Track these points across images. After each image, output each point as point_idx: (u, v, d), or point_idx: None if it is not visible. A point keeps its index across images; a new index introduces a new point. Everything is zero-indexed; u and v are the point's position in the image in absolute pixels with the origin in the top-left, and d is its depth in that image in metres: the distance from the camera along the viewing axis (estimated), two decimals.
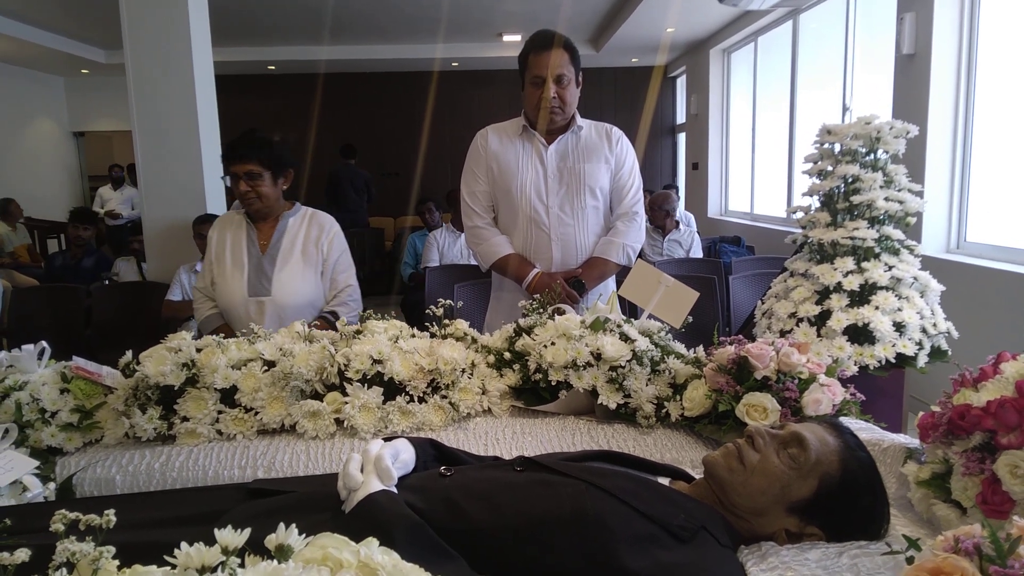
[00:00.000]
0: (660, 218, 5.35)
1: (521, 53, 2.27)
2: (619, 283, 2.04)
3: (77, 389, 1.54)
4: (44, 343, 1.59)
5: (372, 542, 0.66)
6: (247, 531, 0.63)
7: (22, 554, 0.60)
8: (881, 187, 2.00)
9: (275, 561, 0.63)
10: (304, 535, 0.70)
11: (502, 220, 2.39)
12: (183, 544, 0.62)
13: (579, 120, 2.32)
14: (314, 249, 2.35)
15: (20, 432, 1.43)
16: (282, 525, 0.68)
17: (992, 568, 0.59)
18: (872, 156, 2.06)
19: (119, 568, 0.64)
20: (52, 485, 1.38)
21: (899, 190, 2.02)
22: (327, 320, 2.29)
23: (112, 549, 0.61)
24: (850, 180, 2.03)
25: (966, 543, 0.63)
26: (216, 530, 0.62)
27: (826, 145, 2.14)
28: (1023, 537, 0.62)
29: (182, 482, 1.42)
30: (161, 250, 4.13)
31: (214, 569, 0.60)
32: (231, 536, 0.62)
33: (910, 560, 0.68)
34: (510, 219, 2.35)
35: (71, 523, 0.65)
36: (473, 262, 2.49)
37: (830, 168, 2.09)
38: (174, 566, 0.62)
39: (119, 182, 8.89)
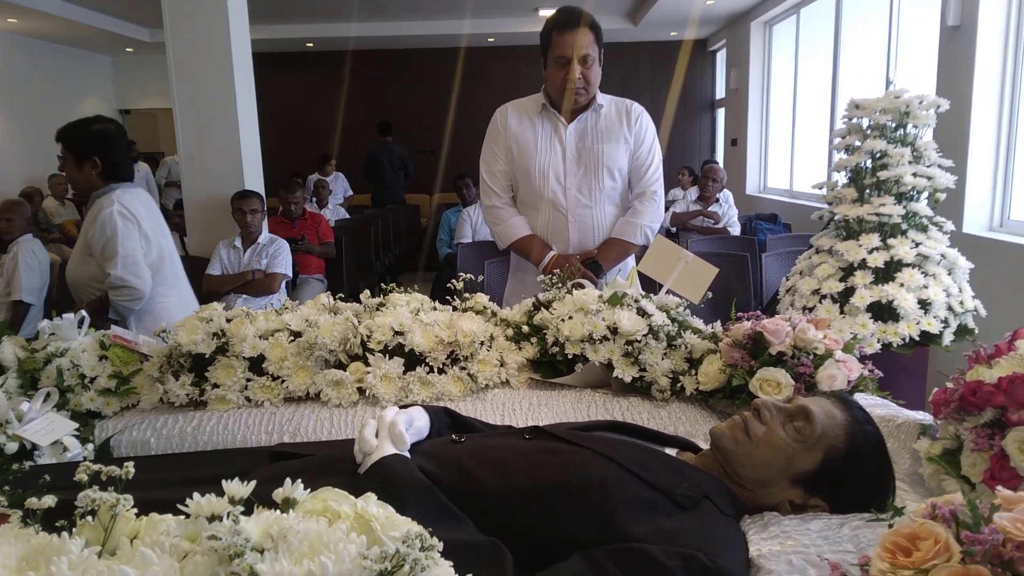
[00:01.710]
0: (713, 190, 5.37)
1: (543, 30, 2.23)
2: (640, 258, 2.04)
3: (115, 356, 1.61)
4: (84, 312, 1.67)
5: (370, 496, 0.70)
6: (253, 483, 0.68)
7: (49, 499, 0.66)
8: (910, 162, 1.96)
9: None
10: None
11: (520, 200, 2.38)
12: (195, 495, 0.67)
13: (600, 98, 2.28)
14: (87, 232, 2.40)
15: (61, 396, 1.51)
16: (288, 480, 0.72)
17: (964, 534, 0.61)
18: (902, 131, 2.02)
19: (137, 516, 0.69)
20: (91, 446, 1.46)
21: (928, 165, 1.97)
22: (99, 298, 2.37)
23: (130, 498, 0.66)
24: (878, 155, 2.00)
25: (943, 510, 0.64)
26: (224, 482, 0.67)
27: (855, 120, 2.10)
28: (1001, 506, 0.64)
29: (212, 445, 1.49)
30: (201, 225, 4.24)
31: (222, 518, 0.64)
32: (238, 487, 0.66)
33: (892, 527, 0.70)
34: (528, 199, 2.34)
35: (94, 474, 0.70)
36: None
37: (858, 143, 2.06)
38: (188, 515, 0.67)
39: None
